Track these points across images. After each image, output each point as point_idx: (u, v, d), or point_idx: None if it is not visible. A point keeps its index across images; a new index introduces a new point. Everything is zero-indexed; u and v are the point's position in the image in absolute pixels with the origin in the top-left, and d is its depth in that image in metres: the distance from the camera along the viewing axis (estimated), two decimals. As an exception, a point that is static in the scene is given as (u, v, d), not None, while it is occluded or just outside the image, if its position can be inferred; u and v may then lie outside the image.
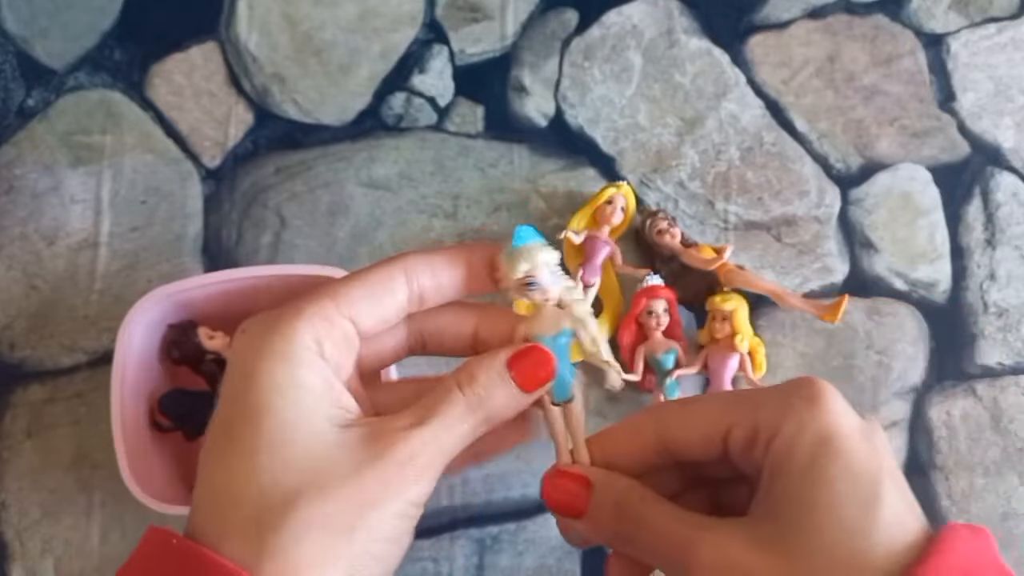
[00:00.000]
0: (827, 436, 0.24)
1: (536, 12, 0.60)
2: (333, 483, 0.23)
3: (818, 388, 0.25)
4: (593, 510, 0.27)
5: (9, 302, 0.53)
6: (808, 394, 0.25)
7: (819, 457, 0.24)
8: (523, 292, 0.30)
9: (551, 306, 0.31)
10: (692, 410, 0.28)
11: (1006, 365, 0.54)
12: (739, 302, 0.51)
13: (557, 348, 0.31)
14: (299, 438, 0.24)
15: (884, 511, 0.23)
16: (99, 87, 0.58)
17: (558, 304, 0.31)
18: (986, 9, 0.61)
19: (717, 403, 0.28)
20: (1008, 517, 0.51)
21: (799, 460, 0.24)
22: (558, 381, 0.32)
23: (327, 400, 0.25)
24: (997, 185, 0.57)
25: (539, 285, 0.30)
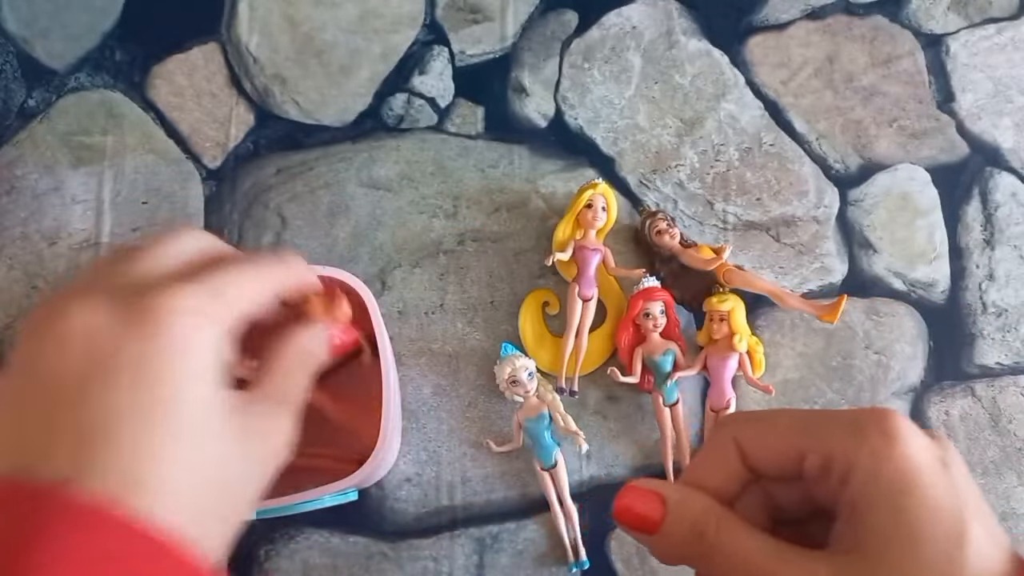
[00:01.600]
0: (907, 472, 0.24)
1: (536, 13, 0.60)
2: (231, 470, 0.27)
3: (893, 421, 0.25)
4: (667, 528, 0.27)
5: (10, 302, 0.54)
6: (883, 427, 0.25)
7: (900, 494, 0.24)
8: (510, 389, 0.49)
9: (532, 397, 0.49)
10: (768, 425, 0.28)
11: (1005, 365, 0.54)
12: (736, 302, 0.51)
13: (540, 427, 0.49)
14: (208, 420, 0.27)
15: (970, 549, 0.23)
16: (100, 88, 0.58)
17: (536, 395, 0.50)
18: (985, 10, 0.61)
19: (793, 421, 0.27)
20: (1007, 517, 0.52)
21: (880, 497, 0.24)
22: (543, 451, 0.49)
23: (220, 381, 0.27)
24: (996, 185, 0.58)
25: (520, 383, 0.49)
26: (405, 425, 0.52)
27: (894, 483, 0.24)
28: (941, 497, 0.24)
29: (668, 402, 0.51)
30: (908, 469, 0.24)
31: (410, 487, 0.51)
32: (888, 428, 0.25)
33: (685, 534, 0.27)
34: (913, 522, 0.23)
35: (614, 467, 0.52)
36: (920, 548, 0.23)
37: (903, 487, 0.24)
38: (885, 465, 0.24)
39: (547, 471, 0.50)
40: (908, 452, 0.24)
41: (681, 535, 0.27)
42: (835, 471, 0.25)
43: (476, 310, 0.54)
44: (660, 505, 0.27)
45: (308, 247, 0.55)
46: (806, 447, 0.26)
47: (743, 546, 0.26)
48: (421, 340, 0.53)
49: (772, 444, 0.27)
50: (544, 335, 0.53)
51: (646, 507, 0.27)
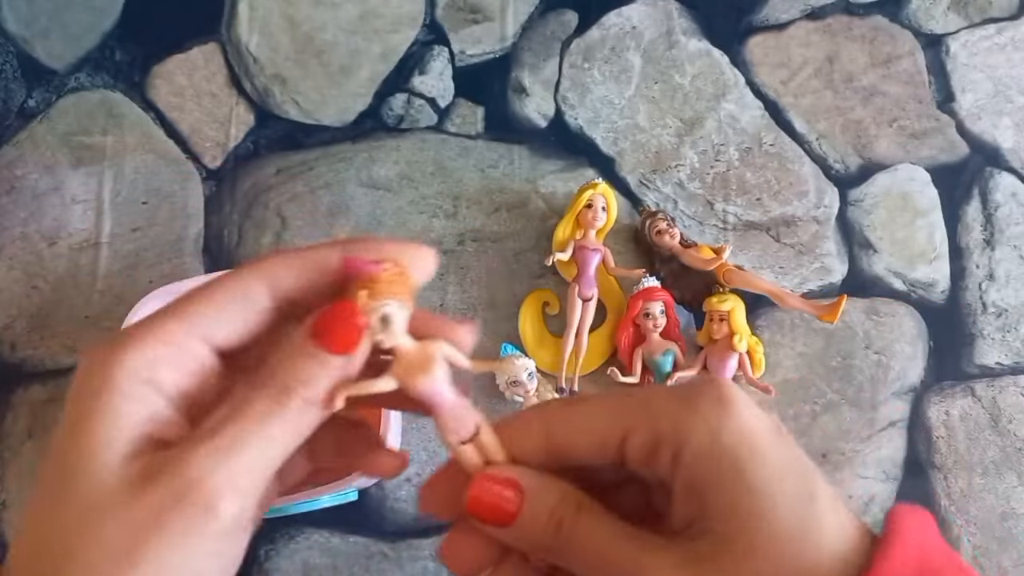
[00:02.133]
0: (747, 437, 0.22)
1: (536, 13, 0.60)
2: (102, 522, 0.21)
3: (725, 391, 0.23)
4: (524, 520, 0.24)
5: (10, 302, 0.54)
6: (716, 396, 0.23)
7: (743, 463, 0.22)
8: (510, 389, 0.50)
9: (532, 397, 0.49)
10: (580, 411, 0.25)
11: (1005, 365, 0.54)
12: (736, 302, 0.51)
13: None
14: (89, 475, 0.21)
15: (822, 510, 0.22)
16: (100, 88, 0.58)
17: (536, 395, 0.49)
18: (985, 10, 0.61)
19: (608, 405, 0.25)
20: (1007, 517, 0.52)
21: (722, 469, 0.22)
22: None
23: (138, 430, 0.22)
24: (996, 185, 0.58)
25: (520, 383, 0.49)
26: (405, 425, 0.52)
27: (735, 450, 0.22)
28: (785, 459, 0.22)
29: None
30: (748, 434, 0.22)
31: (410, 487, 0.51)
32: (721, 396, 0.23)
33: (543, 524, 0.24)
34: (760, 487, 0.22)
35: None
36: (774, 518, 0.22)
37: (745, 453, 0.22)
38: (723, 434, 0.22)
39: None
40: (745, 417, 0.23)
41: (539, 526, 0.24)
42: (664, 449, 0.23)
43: (476, 310, 0.54)
44: (517, 494, 0.24)
45: (308, 247, 0.55)
46: (628, 427, 0.24)
47: (599, 536, 0.24)
48: (421, 340, 0.53)
49: (588, 428, 0.24)
50: (544, 335, 0.53)
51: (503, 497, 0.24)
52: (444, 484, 0.25)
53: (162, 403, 0.22)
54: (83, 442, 0.21)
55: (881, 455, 0.52)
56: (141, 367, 0.22)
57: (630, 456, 0.24)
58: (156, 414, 0.22)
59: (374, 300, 0.23)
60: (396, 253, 0.24)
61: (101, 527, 0.20)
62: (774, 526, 0.22)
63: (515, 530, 0.24)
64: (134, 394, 0.22)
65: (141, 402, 0.22)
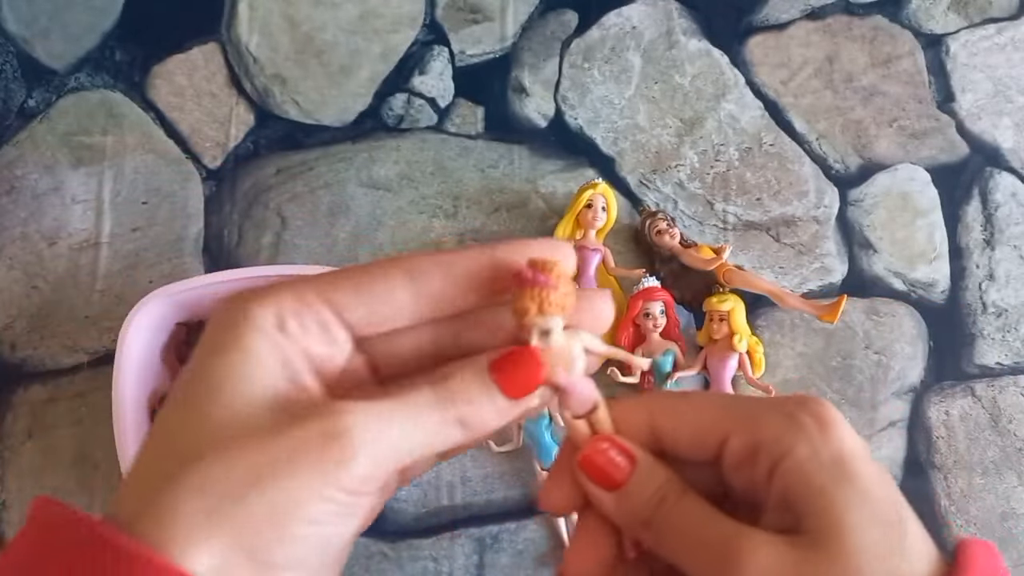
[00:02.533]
0: (845, 458, 0.24)
1: (536, 13, 0.60)
2: (237, 444, 0.21)
3: (827, 411, 0.25)
4: (631, 487, 0.25)
5: (10, 302, 0.54)
6: (818, 416, 0.24)
7: (840, 481, 0.23)
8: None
9: None
10: (688, 404, 0.26)
11: (1005, 365, 0.54)
12: (736, 302, 0.51)
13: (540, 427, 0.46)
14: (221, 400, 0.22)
15: (909, 533, 0.23)
16: (100, 88, 0.58)
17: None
18: (985, 10, 0.61)
19: (715, 404, 0.26)
20: (1007, 517, 0.52)
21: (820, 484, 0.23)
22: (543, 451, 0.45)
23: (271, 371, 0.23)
24: (996, 185, 0.58)
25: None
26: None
27: (833, 467, 0.23)
28: (878, 481, 0.24)
29: None
30: (846, 454, 0.24)
31: (410, 487, 0.51)
32: (823, 415, 0.24)
33: (648, 496, 0.25)
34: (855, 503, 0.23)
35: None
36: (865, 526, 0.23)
37: (842, 470, 0.23)
38: (823, 451, 0.24)
39: (547, 471, 0.50)
40: (843, 438, 0.24)
41: (644, 496, 0.25)
42: (763, 456, 0.24)
43: (476, 310, 0.54)
44: (629, 462, 0.26)
45: (308, 247, 0.55)
46: (731, 430, 0.25)
47: (700, 515, 0.25)
48: (421, 340, 0.53)
49: (693, 423, 0.26)
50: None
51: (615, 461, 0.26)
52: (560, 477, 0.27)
53: (294, 355, 0.23)
54: (224, 372, 0.23)
55: (881, 455, 0.52)
56: (273, 316, 0.23)
57: (728, 456, 0.25)
58: (288, 362, 0.23)
59: (543, 316, 0.25)
60: (553, 255, 0.25)
61: (235, 448, 0.21)
62: (867, 540, 0.23)
63: (620, 496, 0.25)
64: (272, 339, 0.23)
65: (277, 348, 0.23)
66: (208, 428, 0.22)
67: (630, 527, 0.26)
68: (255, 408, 0.22)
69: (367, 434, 0.22)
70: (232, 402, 0.22)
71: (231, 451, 0.21)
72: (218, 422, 0.22)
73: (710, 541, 0.24)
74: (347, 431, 0.22)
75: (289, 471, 0.21)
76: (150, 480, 0.22)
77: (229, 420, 0.22)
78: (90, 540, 0.21)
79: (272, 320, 0.23)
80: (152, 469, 0.22)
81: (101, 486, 0.50)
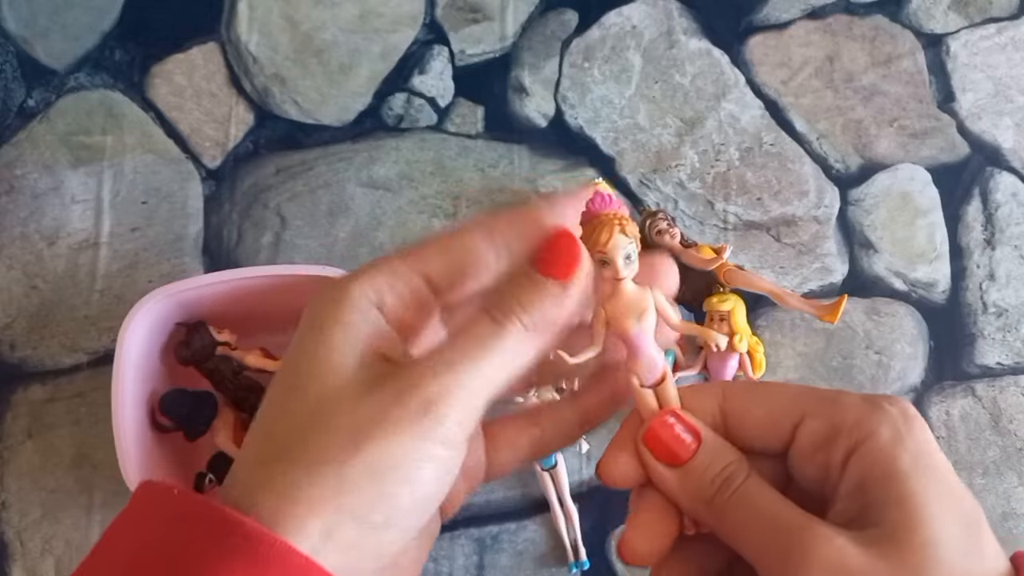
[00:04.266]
0: (928, 451, 0.23)
1: (536, 13, 0.60)
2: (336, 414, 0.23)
3: (911, 407, 0.24)
4: (695, 465, 0.25)
5: (10, 302, 0.54)
6: (903, 409, 0.24)
7: (924, 471, 0.23)
8: None
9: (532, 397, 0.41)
10: (764, 390, 0.27)
11: (1005, 365, 0.54)
12: (736, 302, 0.51)
13: None
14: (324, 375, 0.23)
15: (987, 537, 0.23)
16: (100, 87, 0.58)
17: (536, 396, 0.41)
18: (986, 9, 0.61)
19: (792, 390, 0.26)
20: (1008, 517, 0.52)
21: (904, 470, 0.22)
22: None
23: (368, 343, 0.24)
24: (996, 185, 0.58)
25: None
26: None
27: (918, 457, 0.23)
28: (957, 482, 0.23)
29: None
30: (931, 448, 0.23)
31: (410, 487, 0.51)
32: (907, 409, 0.24)
33: (713, 475, 0.25)
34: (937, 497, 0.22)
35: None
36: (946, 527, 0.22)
37: (926, 463, 0.23)
38: (908, 440, 0.23)
39: (547, 471, 0.50)
40: (926, 434, 0.23)
41: (709, 475, 0.25)
42: (841, 440, 0.24)
43: (476, 310, 0.54)
44: (695, 439, 0.25)
45: (308, 247, 0.55)
46: (808, 412, 0.24)
47: (767, 499, 0.24)
48: (421, 340, 0.53)
49: (767, 408, 0.25)
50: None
51: (680, 437, 0.25)
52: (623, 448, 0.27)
53: (386, 324, 0.25)
54: (321, 348, 0.24)
55: (881, 455, 0.52)
56: (371, 292, 0.25)
57: (801, 440, 0.24)
58: (382, 331, 0.25)
59: (626, 236, 0.25)
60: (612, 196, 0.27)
61: (333, 417, 0.23)
62: (948, 534, 0.22)
63: (683, 474, 0.25)
64: (365, 313, 0.24)
65: (370, 320, 0.24)
66: (309, 404, 0.23)
67: (691, 507, 0.25)
68: (352, 380, 0.23)
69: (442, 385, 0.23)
70: (330, 377, 0.23)
71: (331, 421, 0.23)
72: (318, 397, 0.23)
73: (775, 529, 0.23)
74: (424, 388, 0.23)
75: (382, 433, 0.22)
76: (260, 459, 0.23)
77: (329, 394, 0.23)
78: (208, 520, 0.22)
79: (370, 297, 0.25)
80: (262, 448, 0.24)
81: (101, 486, 0.50)
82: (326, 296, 0.25)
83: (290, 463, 0.22)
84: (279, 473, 0.22)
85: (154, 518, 0.23)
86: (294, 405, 0.23)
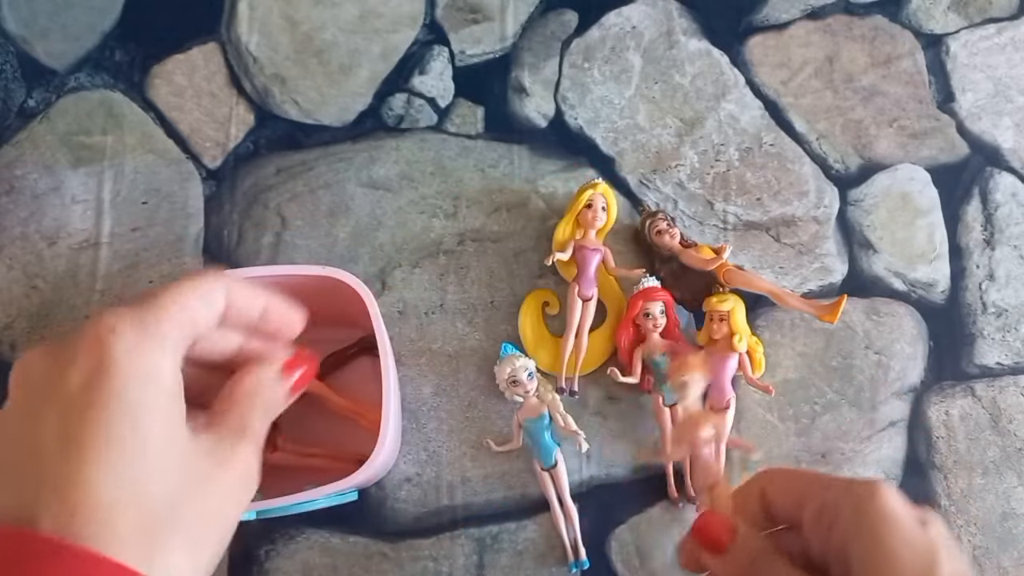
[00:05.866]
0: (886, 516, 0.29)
1: (536, 13, 0.60)
2: (194, 496, 0.27)
3: (880, 484, 0.30)
4: (732, 552, 0.33)
5: (10, 302, 0.54)
6: (869, 484, 0.30)
7: (880, 532, 0.29)
8: (510, 389, 0.49)
9: (532, 397, 0.49)
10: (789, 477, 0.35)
11: (1005, 365, 0.54)
12: (736, 302, 0.51)
13: (540, 427, 0.49)
14: (169, 445, 0.27)
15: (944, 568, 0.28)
16: (100, 88, 0.58)
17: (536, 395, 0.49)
18: (985, 10, 0.61)
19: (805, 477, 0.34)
20: (1007, 517, 0.52)
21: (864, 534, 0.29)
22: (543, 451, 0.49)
23: (179, 401, 0.27)
24: (996, 185, 0.58)
25: (520, 383, 0.49)
26: (405, 425, 0.52)
27: (875, 523, 0.29)
28: (914, 539, 0.29)
29: (668, 402, 0.51)
30: (887, 514, 0.29)
31: (410, 487, 0.51)
32: (873, 485, 0.30)
33: (745, 559, 0.32)
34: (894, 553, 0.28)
35: (614, 467, 0.52)
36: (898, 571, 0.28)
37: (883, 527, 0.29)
38: (867, 508, 0.30)
39: (547, 471, 0.50)
40: (888, 502, 0.30)
41: (742, 559, 0.33)
42: (826, 516, 0.31)
43: (476, 310, 0.54)
44: (731, 533, 0.33)
45: (308, 247, 0.55)
46: (808, 496, 0.32)
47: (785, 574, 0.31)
48: (421, 340, 0.53)
49: (789, 489, 0.33)
50: (544, 335, 0.53)
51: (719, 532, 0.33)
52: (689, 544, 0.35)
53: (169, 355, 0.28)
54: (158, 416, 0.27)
55: (881, 455, 0.52)
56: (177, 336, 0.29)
57: (805, 518, 0.32)
58: (179, 380, 0.28)
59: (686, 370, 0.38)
60: None
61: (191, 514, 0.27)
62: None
63: (723, 559, 0.33)
64: (175, 364, 0.28)
65: (176, 372, 0.28)
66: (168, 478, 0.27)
67: None
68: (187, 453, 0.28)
69: (255, 467, 0.30)
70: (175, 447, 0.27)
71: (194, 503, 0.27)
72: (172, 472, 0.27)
73: None
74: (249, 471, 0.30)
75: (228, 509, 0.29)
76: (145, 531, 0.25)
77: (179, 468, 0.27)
78: None
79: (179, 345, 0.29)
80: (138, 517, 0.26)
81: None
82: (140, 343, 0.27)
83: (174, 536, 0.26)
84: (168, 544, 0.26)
85: None
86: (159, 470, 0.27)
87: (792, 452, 0.52)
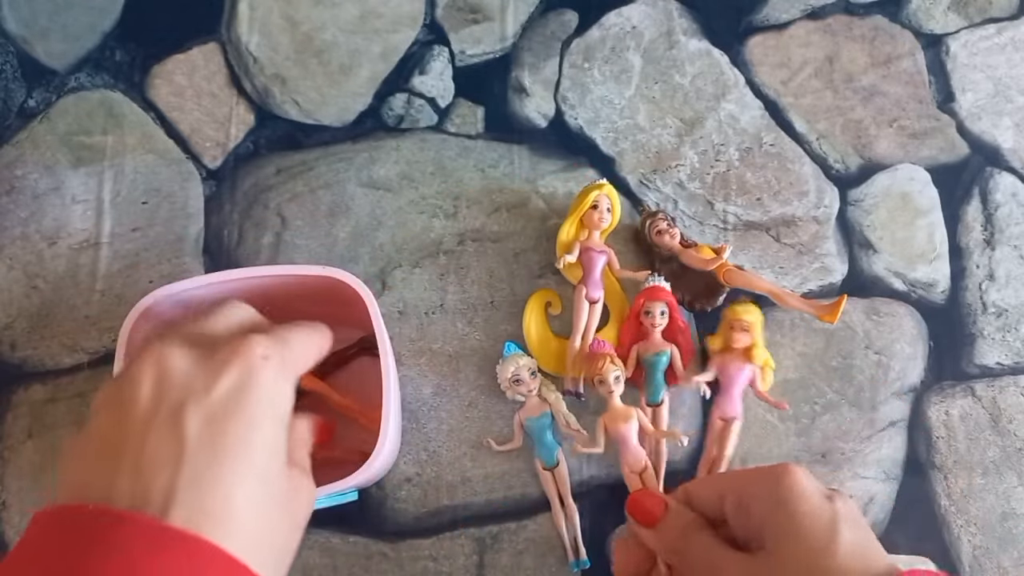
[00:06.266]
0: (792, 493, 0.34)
1: (536, 13, 0.60)
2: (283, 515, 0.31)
3: (787, 464, 0.36)
4: (664, 524, 0.38)
5: (10, 302, 0.54)
6: (777, 471, 0.36)
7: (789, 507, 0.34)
8: (512, 388, 0.50)
9: (534, 396, 0.50)
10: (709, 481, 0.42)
11: (1005, 365, 0.54)
12: (759, 315, 0.50)
13: (542, 426, 0.50)
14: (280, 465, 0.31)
15: (843, 541, 0.32)
16: (100, 88, 0.58)
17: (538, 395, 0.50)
18: (985, 10, 0.61)
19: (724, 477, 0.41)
20: (1007, 517, 0.52)
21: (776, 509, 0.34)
22: (545, 450, 0.50)
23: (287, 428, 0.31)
24: (996, 185, 0.58)
25: (523, 381, 0.50)
26: (405, 425, 0.52)
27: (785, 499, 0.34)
28: (817, 509, 0.34)
29: (652, 401, 0.50)
30: (795, 490, 0.34)
31: (410, 487, 0.51)
32: (783, 466, 0.35)
33: (675, 531, 0.38)
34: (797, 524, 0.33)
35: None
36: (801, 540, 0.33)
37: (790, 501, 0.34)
38: (778, 487, 0.35)
39: (549, 470, 0.50)
40: (797, 480, 0.35)
41: (672, 531, 0.38)
42: (743, 503, 0.36)
43: (476, 310, 0.54)
44: (663, 506, 0.38)
45: (308, 247, 0.55)
46: (728, 489, 0.37)
47: (706, 545, 0.36)
48: (421, 340, 0.53)
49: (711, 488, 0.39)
50: (548, 336, 0.53)
51: (652, 505, 0.38)
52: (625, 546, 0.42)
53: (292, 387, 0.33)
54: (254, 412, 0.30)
55: (881, 455, 0.52)
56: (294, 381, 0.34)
57: (727, 512, 0.37)
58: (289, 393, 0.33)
59: (614, 366, 0.49)
60: None
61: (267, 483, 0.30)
62: (803, 545, 0.33)
63: (656, 531, 0.38)
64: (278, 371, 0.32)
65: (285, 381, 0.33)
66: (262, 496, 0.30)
67: (663, 553, 0.39)
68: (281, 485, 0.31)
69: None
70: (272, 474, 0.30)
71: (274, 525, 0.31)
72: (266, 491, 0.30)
73: (711, 563, 0.36)
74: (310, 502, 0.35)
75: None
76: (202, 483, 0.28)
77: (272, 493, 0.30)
78: None
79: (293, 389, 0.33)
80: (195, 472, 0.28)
81: (101, 486, 0.50)
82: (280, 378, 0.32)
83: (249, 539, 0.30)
84: None
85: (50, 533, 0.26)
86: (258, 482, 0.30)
87: (792, 452, 0.52)
